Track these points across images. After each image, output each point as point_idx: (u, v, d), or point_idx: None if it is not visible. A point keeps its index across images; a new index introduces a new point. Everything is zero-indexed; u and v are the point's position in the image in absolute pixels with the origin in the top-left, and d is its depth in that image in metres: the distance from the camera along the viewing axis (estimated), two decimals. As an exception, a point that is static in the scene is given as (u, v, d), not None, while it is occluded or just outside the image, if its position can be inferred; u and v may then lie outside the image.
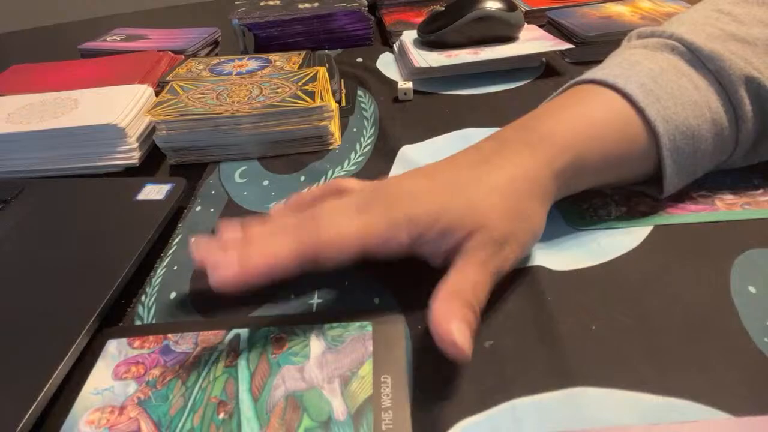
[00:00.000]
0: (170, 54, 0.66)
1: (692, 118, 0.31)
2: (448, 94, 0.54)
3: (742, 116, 0.32)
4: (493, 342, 0.26)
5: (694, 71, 0.32)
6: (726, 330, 0.26)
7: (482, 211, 0.27)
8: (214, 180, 0.44)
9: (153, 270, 0.34)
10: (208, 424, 0.24)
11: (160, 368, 0.27)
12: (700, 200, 0.34)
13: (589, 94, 0.33)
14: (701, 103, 0.31)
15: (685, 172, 0.32)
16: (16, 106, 0.49)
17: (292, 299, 0.31)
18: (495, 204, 0.28)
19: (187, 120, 0.45)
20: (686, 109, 0.31)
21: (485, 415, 0.23)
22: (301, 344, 0.27)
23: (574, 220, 0.34)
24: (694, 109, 0.31)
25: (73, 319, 0.28)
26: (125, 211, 0.38)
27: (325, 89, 0.48)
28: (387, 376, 0.25)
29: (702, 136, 0.31)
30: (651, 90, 0.31)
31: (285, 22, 0.70)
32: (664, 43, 0.34)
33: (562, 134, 0.30)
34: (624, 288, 0.29)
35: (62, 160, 0.46)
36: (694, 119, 0.31)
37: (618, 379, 0.24)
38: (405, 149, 0.44)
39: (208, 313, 0.31)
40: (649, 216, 0.33)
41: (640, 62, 0.33)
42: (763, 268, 0.29)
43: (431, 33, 0.60)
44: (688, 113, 0.31)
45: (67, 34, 0.94)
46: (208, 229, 0.38)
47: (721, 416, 0.22)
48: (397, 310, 0.29)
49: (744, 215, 0.32)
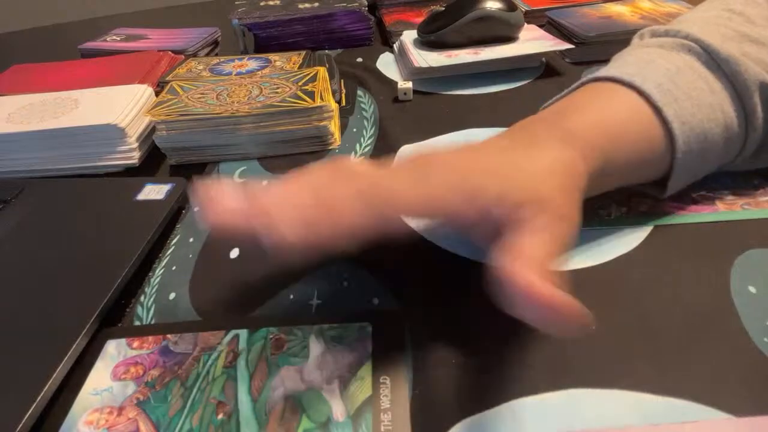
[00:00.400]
0: (170, 54, 0.66)
1: (706, 121, 0.31)
2: (448, 94, 0.54)
3: (753, 122, 0.31)
4: (493, 342, 0.26)
5: (709, 73, 0.32)
6: (726, 330, 0.26)
7: (548, 188, 0.25)
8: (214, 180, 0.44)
9: (152, 270, 0.34)
10: (207, 425, 0.24)
11: (159, 369, 0.27)
12: (701, 200, 0.34)
13: (608, 92, 0.32)
14: (716, 106, 0.31)
15: (691, 174, 0.32)
16: (16, 106, 0.49)
17: (292, 300, 0.31)
18: (555, 184, 0.26)
19: (187, 120, 0.45)
20: (702, 111, 0.31)
21: (485, 415, 0.23)
22: (300, 345, 0.27)
23: None
24: (708, 112, 0.31)
25: (72, 320, 0.28)
26: (125, 211, 0.38)
27: (325, 89, 0.48)
28: (386, 377, 0.25)
29: (713, 140, 0.31)
30: (668, 90, 0.31)
31: (285, 22, 0.70)
32: (680, 43, 0.33)
33: (591, 132, 0.29)
34: (624, 288, 0.29)
35: (62, 160, 0.46)
36: (707, 122, 0.31)
37: (618, 379, 0.24)
38: (404, 149, 0.44)
39: (207, 314, 0.30)
40: (649, 216, 0.33)
41: (656, 61, 0.32)
42: (763, 268, 0.29)
43: (431, 33, 0.60)
44: (703, 116, 0.31)
45: (67, 34, 0.94)
46: (206, 229, 0.38)
47: (721, 416, 0.22)
48: (397, 311, 0.29)
49: (744, 215, 0.32)
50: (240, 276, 0.33)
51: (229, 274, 0.33)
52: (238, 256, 0.35)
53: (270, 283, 0.32)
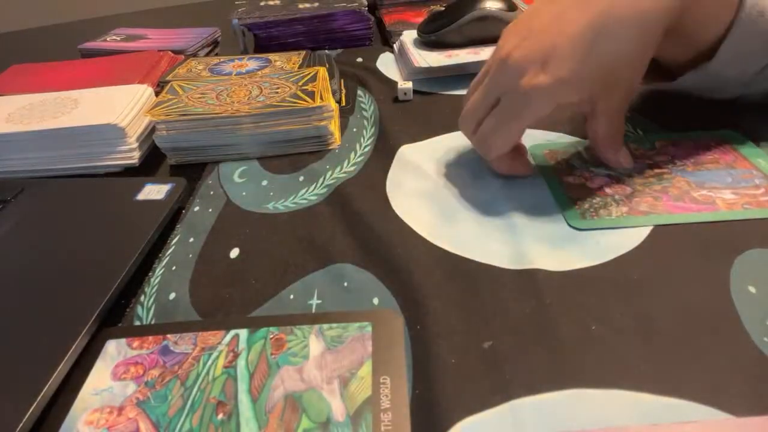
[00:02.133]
0: (170, 54, 0.66)
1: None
2: (448, 94, 0.54)
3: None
4: (493, 342, 0.26)
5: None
6: (726, 330, 0.26)
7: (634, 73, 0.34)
8: (213, 180, 0.44)
9: (152, 270, 0.34)
10: (206, 425, 0.24)
11: (159, 369, 0.27)
12: (701, 200, 0.34)
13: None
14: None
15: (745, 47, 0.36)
16: (16, 106, 0.49)
17: (292, 300, 0.31)
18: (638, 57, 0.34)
19: (187, 120, 0.45)
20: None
21: (485, 415, 0.23)
22: (300, 345, 0.27)
23: (575, 221, 0.34)
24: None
25: (72, 320, 0.28)
26: (125, 211, 0.38)
27: (325, 89, 0.48)
28: (386, 377, 0.25)
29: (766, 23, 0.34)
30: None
31: (285, 22, 0.70)
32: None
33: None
34: (624, 288, 0.29)
35: (62, 160, 0.46)
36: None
37: (618, 379, 0.24)
38: (404, 149, 0.44)
39: (207, 314, 0.30)
40: (649, 216, 0.33)
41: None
42: (763, 268, 0.29)
43: (431, 33, 0.60)
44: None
45: (67, 34, 0.94)
46: (206, 229, 0.38)
47: (721, 416, 0.22)
48: (397, 311, 0.29)
49: (745, 215, 0.32)
50: (240, 276, 0.33)
51: (229, 274, 0.33)
52: (238, 256, 0.35)
53: (270, 283, 0.32)
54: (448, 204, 0.37)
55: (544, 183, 0.38)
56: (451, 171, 0.41)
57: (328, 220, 0.37)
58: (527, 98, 0.33)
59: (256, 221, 0.38)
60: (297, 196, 0.40)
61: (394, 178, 0.41)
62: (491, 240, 0.33)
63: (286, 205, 0.39)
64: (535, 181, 0.38)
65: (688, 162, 0.38)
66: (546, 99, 0.33)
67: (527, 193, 0.37)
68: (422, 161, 0.42)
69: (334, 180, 0.42)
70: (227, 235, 0.37)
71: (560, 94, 0.33)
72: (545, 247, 0.32)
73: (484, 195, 0.37)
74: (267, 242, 0.36)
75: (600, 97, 0.35)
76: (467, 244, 0.33)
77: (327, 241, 0.35)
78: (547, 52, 0.33)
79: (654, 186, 0.36)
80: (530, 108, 0.34)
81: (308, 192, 0.41)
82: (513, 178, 0.39)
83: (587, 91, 0.34)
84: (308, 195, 0.40)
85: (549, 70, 0.33)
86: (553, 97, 0.33)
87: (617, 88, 0.34)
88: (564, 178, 0.38)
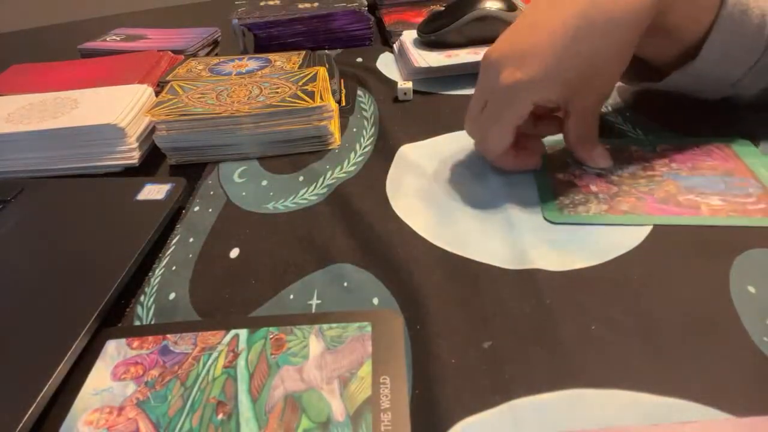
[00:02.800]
0: (170, 54, 0.66)
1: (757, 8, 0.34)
2: (448, 94, 0.54)
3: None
4: (492, 342, 0.26)
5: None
6: (726, 330, 0.26)
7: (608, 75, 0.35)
8: (213, 180, 0.44)
9: (152, 270, 0.34)
10: (206, 425, 0.24)
11: (159, 369, 0.27)
12: (685, 204, 0.34)
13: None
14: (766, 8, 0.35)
15: (725, 48, 0.36)
16: (16, 106, 0.49)
17: (292, 300, 0.31)
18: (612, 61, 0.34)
19: (187, 120, 0.45)
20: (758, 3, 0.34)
21: (485, 415, 0.23)
22: (300, 345, 0.27)
23: (551, 214, 0.34)
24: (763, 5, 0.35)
25: (72, 320, 0.28)
26: (125, 211, 0.38)
27: (325, 89, 0.48)
28: (386, 377, 0.25)
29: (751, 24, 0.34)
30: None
31: (285, 22, 0.70)
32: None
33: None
34: (624, 288, 0.29)
35: (62, 160, 0.46)
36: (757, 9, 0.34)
37: (618, 379, 0.24)
38: (404, 149, 0.44)
39: (207, 314, 0.30)
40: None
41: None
42: (763, 268, 0.29)
43: (431, 33, 0.60)
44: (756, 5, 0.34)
45: (67, 34, 0.94)
46: (206, 229, 0.38)
47: (721, 416, 0.22)
48: (397, 311, 0.29)
49: (728, 222, 0.32)
50: (240, 276, 0.33)
51: (229, 274, 0.33)
52: (238, 256, 0.35)
53: (270, 283, 0.32)
54: (448, 204, 0.37)
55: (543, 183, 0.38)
56: (451, 171, 0.41)
57: (328, 220, 0.37)
58: (507, 96, 0.34)
59: (256, 221, 0.38)
60: (297, 196, 0.40)
61: (394, 178, 0.41)
62: (491, 240, 0.33)
63: (286, 205, 0.39)
64: (535, 181, 0.38)
65: (684, 167, 0.37)
66: (523, 95, 0.34)
67: (528, 193, 0.37)
68: (422, 161, 0.42)
69: (334, 180, 0.42)
70: (227, 235, 0.37)
71: (536, 91, 0.34)
72: (545, 247, 0.32)
73: (484, 195, 0.37)
74: (267, 242, 0.36)
75: (574, 97, 0.35)
76: (467, 244, 0.33)
77: (327, 241, 0.35)
78: (524, 51, 0.34)
79: (641, 187, 0.36)
80: (512, 106, 0.35)
81: (308, 192, 0.41)
82: (514, 176, 0.39)
83: (562, 89, 0.34)
84: (308, 195, 0.40)
85: (525, 68, 0.33)
86: (529, 93, 0.34)
87: (592, 89, 0.35)
88: (555, 175, 0.38)
